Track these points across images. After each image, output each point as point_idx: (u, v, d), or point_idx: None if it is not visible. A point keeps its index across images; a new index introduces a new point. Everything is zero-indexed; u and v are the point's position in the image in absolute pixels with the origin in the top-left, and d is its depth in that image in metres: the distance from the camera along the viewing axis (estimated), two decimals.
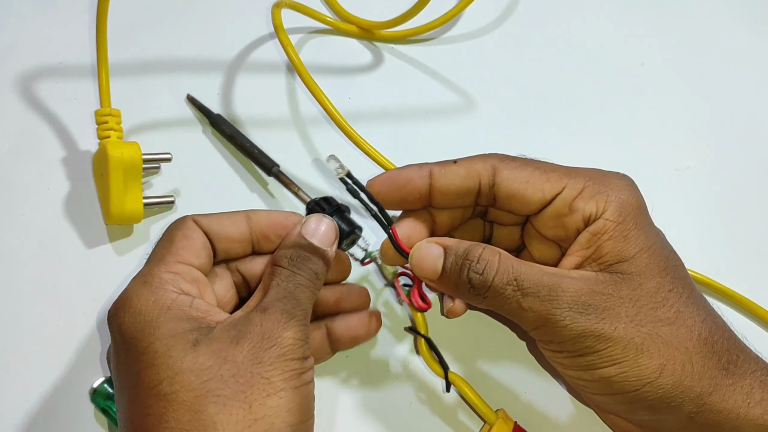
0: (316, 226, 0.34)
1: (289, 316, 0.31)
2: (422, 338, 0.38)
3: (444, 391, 0.38)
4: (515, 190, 0.34)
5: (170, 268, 0.32)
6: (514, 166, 0.34)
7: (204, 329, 0.30)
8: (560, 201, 0.33)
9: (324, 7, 0.51)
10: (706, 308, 0.33)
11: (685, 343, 0.31)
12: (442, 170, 0.34)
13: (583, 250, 0.33)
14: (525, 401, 0.39)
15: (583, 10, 0.54)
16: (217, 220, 0.34)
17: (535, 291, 0.31)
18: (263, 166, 0.43)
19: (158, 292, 0.31)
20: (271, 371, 0.29)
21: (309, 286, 0.33)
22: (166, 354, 0.29)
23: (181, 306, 0.31)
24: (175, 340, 0.29)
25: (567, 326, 0.31)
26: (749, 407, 0.31)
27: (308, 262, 0.33)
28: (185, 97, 0.46)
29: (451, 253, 0.33)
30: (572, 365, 0.32)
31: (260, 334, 0.30)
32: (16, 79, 0.46)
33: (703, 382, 0.31)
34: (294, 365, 0.30)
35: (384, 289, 0.41)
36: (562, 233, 0.34)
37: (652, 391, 0.31)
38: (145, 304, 0.30)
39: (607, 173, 0.34)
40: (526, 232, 0.37)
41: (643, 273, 0.32)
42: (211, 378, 0.29)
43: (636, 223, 0.32)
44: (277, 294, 0.32)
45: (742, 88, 0.51)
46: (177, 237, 0.33)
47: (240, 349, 0.29)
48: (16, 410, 0.37)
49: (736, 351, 0.32)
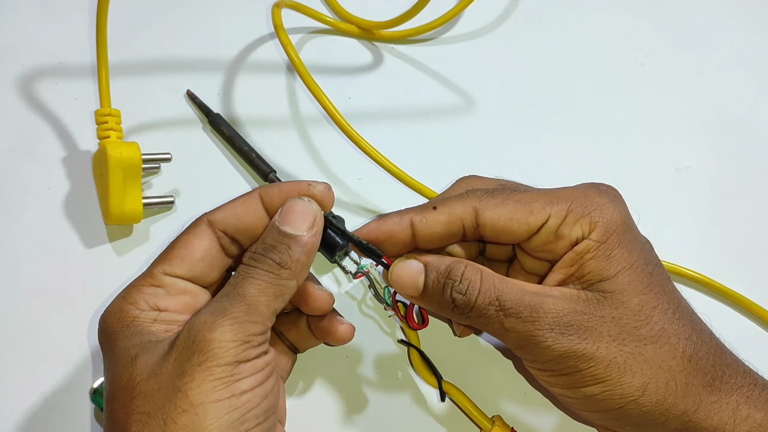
0: (289, 208, 0.32)
1: (218, 314, 0.28)
2: (415, 350, 0.38)
3: (439, 401, 0.38)
4: (501, 228, 0.33)
5: (154, 281, 0.32)
6: (495, 203, 0.33)
7: (152, 343, 0.29)
8: (546, 230, 0.33)
9: (324, 7, 0.51)
10: (692, 323, 0.33)
11: (668, 361, 0.31)
12: (423, 219, 0.33)
13: (566, 268, 0.33)
14: (521, 407, 0.38)
15: (583, 11, 0.54)
16: (231, 211, 0.33)
17: (517, 312, 0.31)
18: (260, 170, 0.43)
19: (125, 309, 0.31)
20: (190, 383, 0.27)
21: (263, 277, 0.30)
22: (113, 371, 0.29)
23: (141, 323, 0.30)
24: (120, 356, 0.29)
25: (549, 347, 0.31)
26: (735, 424, 0.31)
27: (270, 253, 0.31)
28: (185, 93, 0.46)
29: (432, 270, 0.32)
30: (557, 384, 0.32)
31: (185, 341, 0.28)
32: (16, 79, 0.46)
33: (687, 400, 0.31)
34: (219, 373, 0.27)
35: (375, 299, 0.41)
36: (550, 256, 0.34)
37: (636, 409, 0.31)
38: (111, 321, 0.31)
39: (588, 192, 0.33)
40: (517, 251, 0.36)
41: (625, 291, 0.31)
42: (138, 394, 0.28)
43: (620, 241, 0.32)
44: (220, 294, 0.30)
45: (742, 88, 0.51)
46: (178, 244, 0.32)
47: (167, 360, 0.28)
48: (15, 410, 0.37)
49: (722, 366, 0.32)
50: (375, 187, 0.44)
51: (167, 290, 0.32)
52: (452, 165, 0.46)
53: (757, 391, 0.32)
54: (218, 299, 0.30)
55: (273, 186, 0.33)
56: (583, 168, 0.47)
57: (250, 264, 0.31)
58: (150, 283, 0.31)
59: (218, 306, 0.29)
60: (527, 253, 0.35)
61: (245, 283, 0.30)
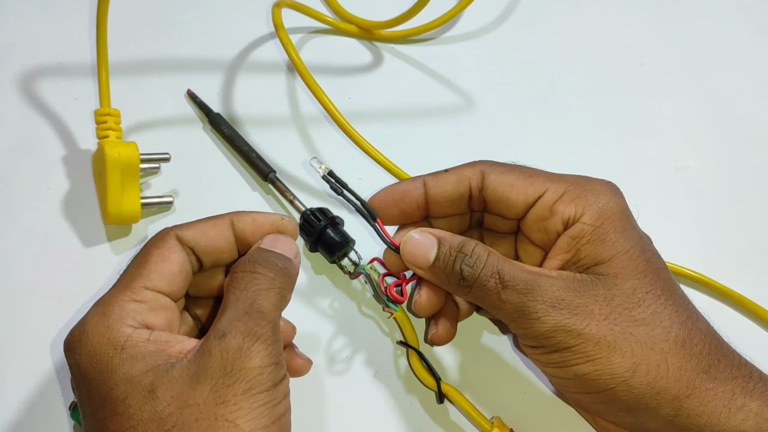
0: (274, 238, 0.33)
1: (252, 339, 0.28)
2: (413, 351, 0.38)
3: (437, 403, 0.38)
4: (501, 193, 0.35)
5: (135, 296, 0.30)
6: (501, 170, 0.35)
7: (162, 367, 0.28)
8: (542, 204, 0.34)
9: (324, 7, 0.51)
10: (687, 311, 0.33)
11: (660, 344, 0.31)
12: (435, 179, 0.36)
13: (563, 254, 0.34)
14: (520, 408, 0.38)
15: (582, 10, 0.54)
16: (201, 232, 0.32)
17: (514, 284, 0.32)
18: (260, 171, 0.43)
19: (114, 326, 0.28)
20: (236, 412, 0.27)
21: (274, 287, 0.30)
22: (125, 402, 0.27)
23: (136, 343, 0.28)
24: (131, 386, 0.27)
25: (539, 318, 0.31)
26: (730, 413, 0.31)
27: (272, 257, 0.31)
28: (185, 93, 0.46)
29: (445, 244, 0.34)
30: (549, 362, 0.33)
31: (221, 368, 0.27)
32: (16, 79, 0.46)
33: (679, 384, 0.31)
34: (264, 399, 0.28)
35: (375, 299, 0.41)
36: (545, 237, 0.35)
37: (626, 391, 0.31)
38: (99, 343, 0.28)
39: (591, 179, 0.35)
40: (518, 242, 0.37)
41: (619, 274, 0.32)
42: (172, 426, 0.27)
43: (615, 227, 0.33)
44: (237, 310, 0.29)
45: (742, 88, 0.51)
46: (152, 258, 0.31)
47: (201, 389, 0.27)
48: (15, 410, 0.37)
49: (718, 355, 0.32)
50: (375, 186, 0.44)
51: (149, 306, 0.30)
52: (452, 164, 0.46)
53: (752, 382, 0.32)
54: (237, 317, 0.29)
55: (245, 214, 0.33)
56: (583, 168, 0.46)
57: (254, 269, 0.30)
58: (132, 298, 0.30)
59: (245, 328, 0.28)
60: (525, 236, 0.36)
61: (259, 297, 0.30)
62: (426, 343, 0.39)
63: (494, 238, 0.38)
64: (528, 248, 0.36)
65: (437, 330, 0.37)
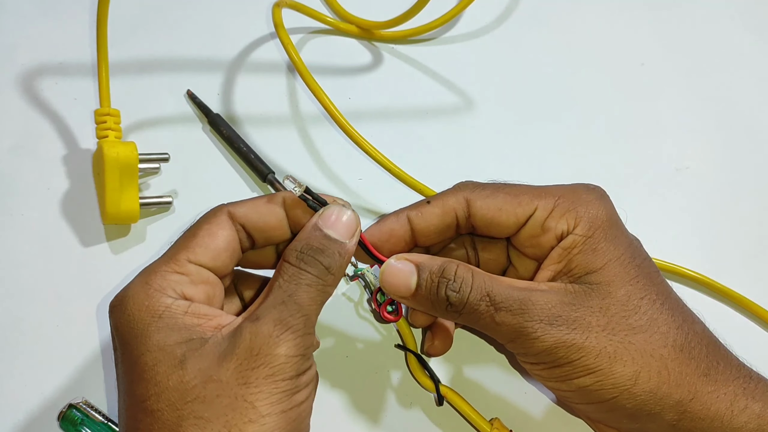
0: (336, 217, 0.32)
1: (283, 327, 0.29)
2: (412, 354, 0.38)
3: (437, 405, 0.38)
4: (490, 219, 0.34)
5: (179, 268, 0.30)
6: (486, 194, 0.34)
7: (196, 341, 0.29)
8: (533, 222, 0.34)
9: (324, 7, 0.51)
10: (683, 314, 0.33)
11: (659, 350, 0.31)
12: (419, 214, 0.34)
13: (555, 265, 0.33)
14: (519, 409, 0.38)
15: (583, 11, 0.54)
16: (254, 209, 0.32)
17: (507, 305, 0.31)
18: (258, 172, 0.43)
19: (154, 296, 0.29)
20: (257, 394, 0.28)
21: (316, 285, 0.30)
22: (153, 369, 0.28)
23: (174, 314, 0.29)
24: (163, 354, 0.28)
25: (539, 338, 0.31)
26: (733, 415, 0.31)
27: (319, 256, 0.31)
28: (185, 93, 0.46)
29: (425, 269, 0.32)
30: (550, 377, 0.32)
31: (248, 350, 0.28)
32: (16, 79, 0.46)
33: (681, 389, 0.31)
34: (285, 386, 0.28)
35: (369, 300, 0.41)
36: (539, 251, 0.34)
37: (629, 399, 0.31)
38: (138, 309, 0.29)
39: (576, 188, 0.34)
40: (511, 250, 0.37)
41: (612, 282, 0.32)
42: (195, 398, 0.28)
43: (605, 236, 0.33)
44: (275, 298, 0.30)
45: (742, 88, 0.51)
46: (201, 232, 0.31)
47: (227, 367, 0.28)
48: (15, 410, 0.37)
49: (717, 357, 0.32)
50: (375, 187, 0.44)
51: (191, 279, 0.31)
52: (452, 164, 0.46)
53: (753, 383, 0.32)
54: (274, 305, 0.29)
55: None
56: (583, 168, 0.47)
57: (300, 266, 0.31)
58: (174, 269, 0.30)
59: (279, 316, 0.29)
60: (518, 250, 0.35)
61: (299, 290, 0.30)
62: (423, 354, 0.39)
63: (486, 243, 0.37)
64: (521, 260, 0.36)
65: (433, 343, 0.37)
